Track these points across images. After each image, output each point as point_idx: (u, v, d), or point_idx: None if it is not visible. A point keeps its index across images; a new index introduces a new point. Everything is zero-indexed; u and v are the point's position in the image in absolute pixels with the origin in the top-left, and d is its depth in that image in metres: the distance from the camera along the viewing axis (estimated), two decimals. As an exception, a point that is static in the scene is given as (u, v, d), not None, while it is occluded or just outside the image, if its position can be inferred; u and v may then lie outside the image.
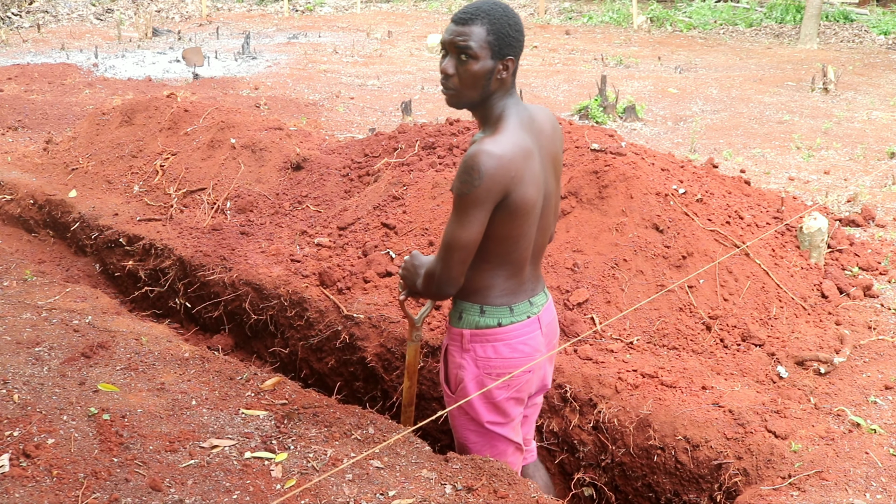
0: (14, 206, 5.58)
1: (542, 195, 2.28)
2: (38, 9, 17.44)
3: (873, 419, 2.89)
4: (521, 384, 2.47)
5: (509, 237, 2.26)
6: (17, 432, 2.53)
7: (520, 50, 2.21)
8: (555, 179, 2.38)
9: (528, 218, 2.25)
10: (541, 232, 2.38)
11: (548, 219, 2.40)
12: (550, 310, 2.55)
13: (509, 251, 2.30)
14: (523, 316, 2.40)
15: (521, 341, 2.41)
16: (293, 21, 17.04)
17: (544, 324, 2.47)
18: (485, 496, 2.41)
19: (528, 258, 2.37)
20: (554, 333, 2.58)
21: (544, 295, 2.52)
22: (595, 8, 17.94)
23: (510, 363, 2.41)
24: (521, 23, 2.23)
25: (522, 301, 2.41)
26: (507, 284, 2.37)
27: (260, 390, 3.01)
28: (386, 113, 8.37)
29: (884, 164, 6.21)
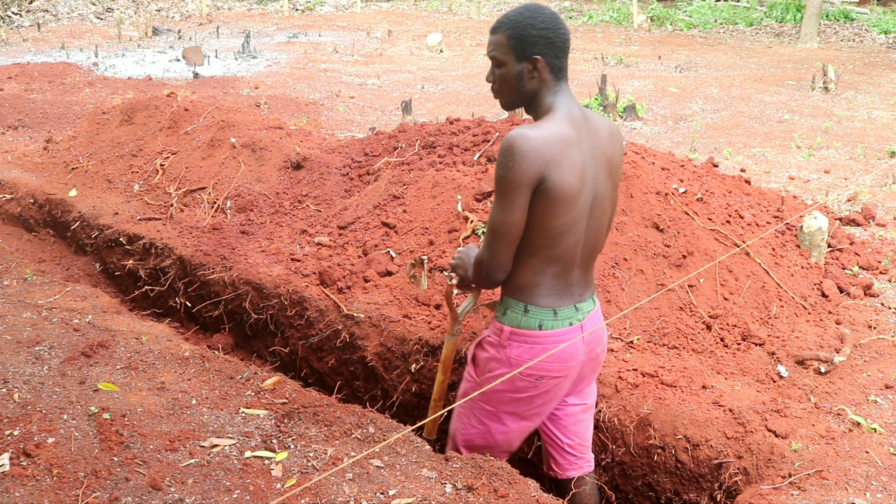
0: (14, 205, 5.59)
1: (586, 188, 2.25)
2: (39, 8, 17.43)
3: (873, 418, 2.89)
4: (551, 388, 2.44)
5: (552, 229, 2.23)
6: (17, 431, 2.53)
7: (549, 47, 2.22)
8: (609, 182, 2.34)
9: (569, 208, 2.21)
10: (592, 233, 2.34)
11: (599, 220, 2.35)
12: (597, 318, 2.48)
13: (555, 246, 2.27)
14: (566, 322, 2.35)
15: (554, 346, 2.37)
16: (293, 20, 17.04)
17: (587, 332, 2.42)
18: (485, 495, 2.41)
19: (576, 257, 2.33)
20: (598, 342, 2.49)
21: (592, 302, 2.45)
22: (595, 7, 17.93)
23: (546, 367, 2.38)
24: (552, 20, 2.23)
25: (568, 305, 2.36)
26: (553, 284, 2.33)
27: (260, 389, 3.01)
28: (386, 112, 8.37)
29: (884, 164, 6.21)
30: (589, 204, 2.29)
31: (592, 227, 2.34)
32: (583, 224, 2.29)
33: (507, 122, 4.77)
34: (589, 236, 2.35)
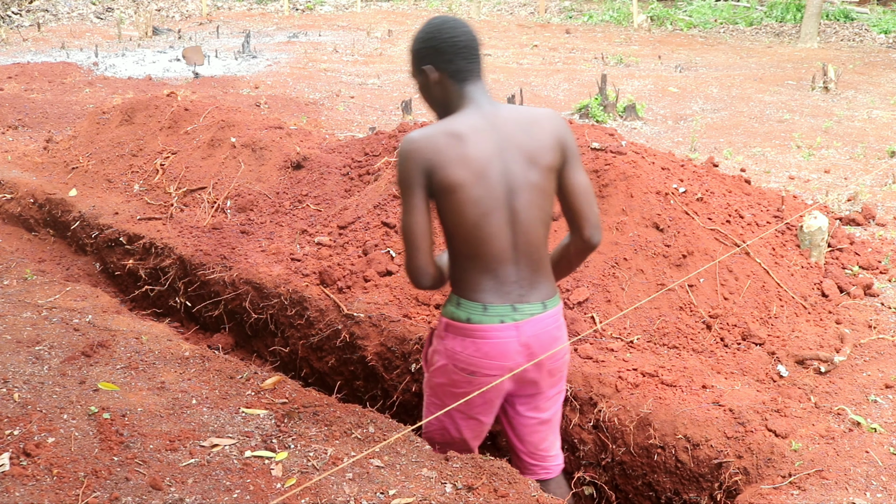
0: (14, 204, 5.59)
1: (489, 181, 2.23)
2: (39, 7, 17.43)
3: (873, 418, 2.89)
4: (469, 391, 2.43)
5: (461, 224, 2.26)
6: (17, 431, 2.53)
7: (436, 55, 2.26)
8: (531, 172, 2.27)
9: (468, 200, 2.22)
10: (521, 226, 2.29)
11: (527, 213, 2.29)
12: (544, 323, 2.40)
13: (472, 240, 2.28)
14: (496, 319, 2.33)
15: (488, 343, 2.35)
16: (293, 20, 17.04)
17: (526, 335, 2.36)
18: (485, 495, 2.41)
19: (504, 253, 2.30)
20: (543, 347, 2.41)
21: (541, 306, 2.38)
22: (595, 7, 17.93)
23: (475, 362, 2.38)
24: (437, 28, 2.27)
25: (502, 304, 2.34)
26: (481, 280, 2.32)
27: (260, 389, 3.01)
28: (386, 112, 8.37)
29: (884, 163, 6.21)
30: (502, 197, 2.25)
31: (520, 221, 2.28)
32: (498, 217, 2.26)
33: (507, 121, 4.76)
34: (518, 230, 2.29)
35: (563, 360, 2.53)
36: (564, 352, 2.51)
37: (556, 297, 2.45)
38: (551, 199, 2.35)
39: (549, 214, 2.36)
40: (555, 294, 2.45)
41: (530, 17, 17.26)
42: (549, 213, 2.36)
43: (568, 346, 2.53)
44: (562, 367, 2.54)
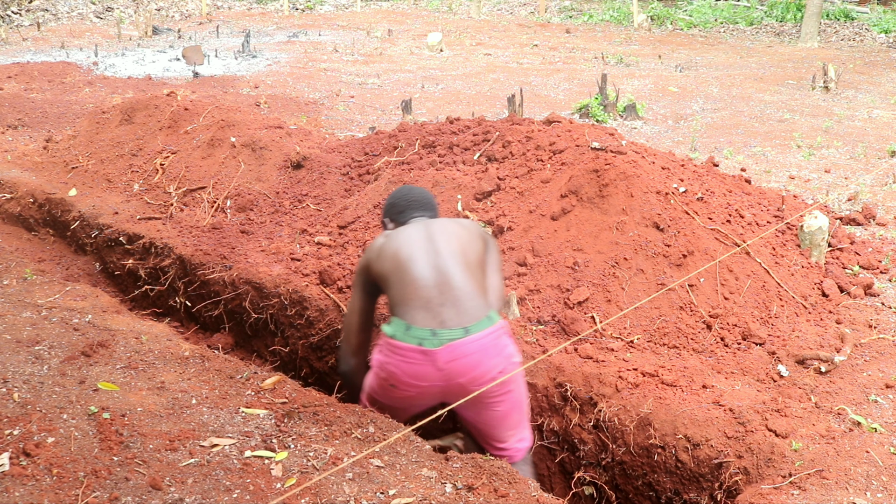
0: (14, 204, 5.58)
1: (411, 246, 2.84)
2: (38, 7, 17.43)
3: (874, 418, 2.88)
4: (406, 397, 2.79)
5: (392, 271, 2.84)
6: (17, 431, 2.52)
7: (387, 214, 3.17)
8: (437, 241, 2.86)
9: (399, 258, 2.83)
10: (431, 273, 2.76)
11: (442, 265, 2.79)
12: (463, 349, 2.65)
13: (402, 277, 2.80)
14: (415, 340, 2.67)
15: (402, 360, 2.69)
16: (293, 19, 17.03)
17: (442, 361, 2.65)
18: (485, 495, 2.40)
19: (419, 289, 2.73)
20: (461, 373, 2.66)
21: (462, 331, 2.66)
22: (595, 6, 17.93)
23: (394, 376, 2.74)
24: (388, 199, 3.18)
25: (424, 326, 2.67)
26: (410, 302, 2.72)
27: (260, 389, 3.01)
28: (386, 111, 8.37)
29: (884, 163, 6.20)
30: (422, 251, 2.82)
31: (437, 269, 2.78)
32: (413, 275, 2.77)
33: (508, 121, 4.76)
34: (432, 284, 2.75)
35: (488, 381, 2.70)
36: (488, 374, 2.69)
37: (483, 321, 2.69)
38: (475, 248, 2.91)
39: (475, 257, 2.88)
40: (482, 318, 2.70)
41: (530, 16, 17.26)
42: (475, 256, 2.87)
43: (496, 367, 2.71)
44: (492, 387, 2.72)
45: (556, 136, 4.37)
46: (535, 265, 3.68)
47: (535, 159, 4.25)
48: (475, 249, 2.90)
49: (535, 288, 3.58)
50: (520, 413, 2.92)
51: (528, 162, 4.25)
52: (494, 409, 2.81)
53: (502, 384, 2.72)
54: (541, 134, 4.43)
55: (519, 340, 3.32)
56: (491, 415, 2.83)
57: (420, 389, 2.74)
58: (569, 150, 4.18)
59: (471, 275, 2.80)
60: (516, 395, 2.87)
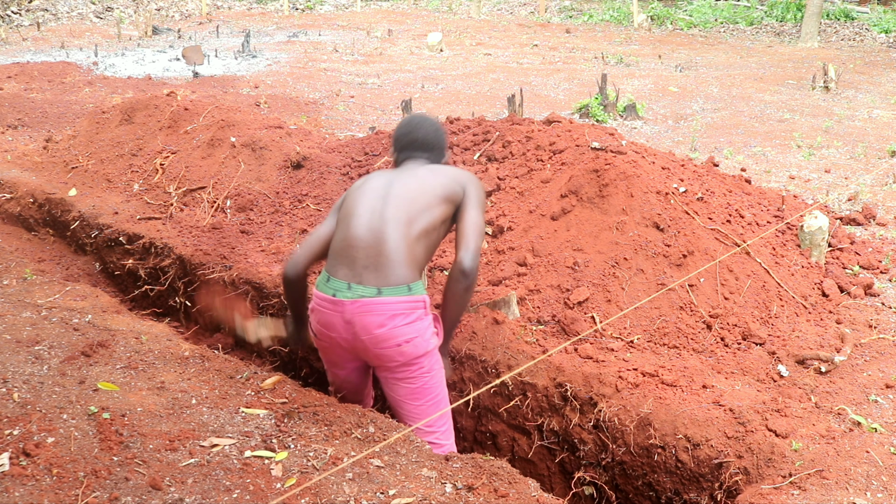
0: (14, 204, 5.58)
1: (362, 202, 2.87)
2: (38, 7, 17.43)
3: (874, 418, 2.88)
4: (326, 348, 2.92)
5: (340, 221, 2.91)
6: (17, 431, 2.52)
7: (393, 145, 3.12)
8: (389, 204, 2.83)
9: (348, 210, 2.89)
10: (365, 235, 2.79)
11: (387, 220, 2.80)
12: (370, 306, 2.71)
13: (340, 230, 2.88)
14: (331, 291, 2.76)
15: (318, 309, 2.81)
16: (293, 19, 17.03)
17: (349, 313, 2.72)
18: (485, 495, 2.40)
19: (349, 247, 2.79)
20: (365, 329, 2.72)
21: (376, 291, 2.71)
22: (595, 6, 17.93)
23: (314, 325, 2.87)
24: (396, 128, 3.10)
25: (342, 280, 2.76)
26: (337, 257, 2.81)
27: (260, 389, 3.01)
28: (386, 111, 8.37)
29: (884, 163, 6.20)
30: (368, 210, 2.83)
31: (373, 232, 2.79)
32: (362, 218, 2.81)
33: (508, 121, 4.76)
34: (369, 235, 2.79)
35: (391, 347, 2.74)
36: (392, 339, 2.73)
37: (400, 287, 2.72)
38: (428, 217, 2.83)
39: (421, 229, 2.82)
40: (400, 285, 2.73)
41: (530, 16, 17.26)
42: (420, 227, 2.82)
43: (402, 335, 2.74)
44: (392, 354, 2.75)
45: (556, 136, 4.37)
46: (535, 265, 3.68)
47: (535, 159, 4.25)
48: (430, 217, 2.85)
49: (535, 288, 3.58)
50: (434, 406, 2.90)
51: (528, 162, 4.25)
52: (401, 382, 2.83)
53: (409, 357, 2.76)
54: (541, 134, 4.43)
55: (519, 340, 3.32)
56: (398, 388, 2.86)
57: (331, 340, 2.83)
58: (569, 150, 4.18)
59: (406, 244, 2.79)
60: (430, 382, 2.87)
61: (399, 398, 2.89)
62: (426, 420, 2.87)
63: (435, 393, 2.91)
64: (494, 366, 3.25)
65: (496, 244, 3.90)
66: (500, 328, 3.36)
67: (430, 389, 2.89)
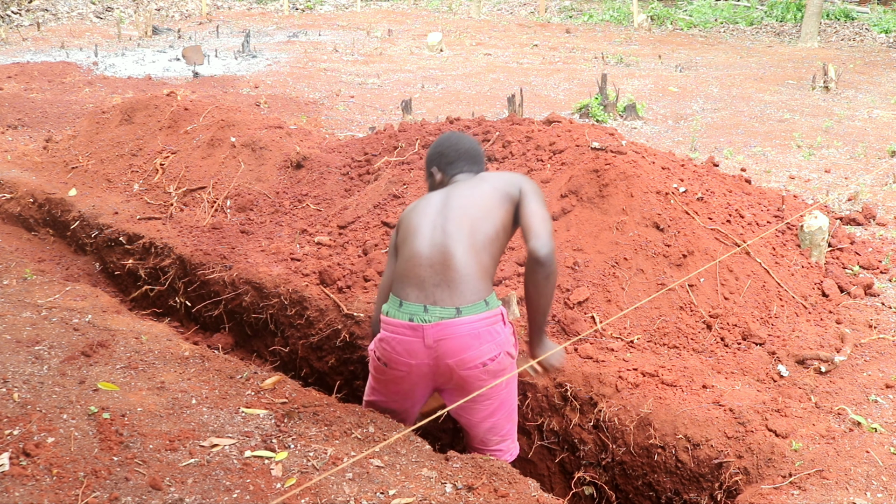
0: (14, 204, 5.58)
1: (422, 220, 2.78)
2: (38, 7, 17.43)
3: (874, 418, 2.88)
4: (397, 378, 2.75)
5: (401, 242, 2.82)
6: (17, 431, 2.52)
7: (435, 162, 3.00)
8: (457, 218, 2.74)
9: (408, 235, 2.79)
10: (430, 252, 2.70)
11: (428, 240, 2.73)
12: (453, 329, 2.61)
13: (403, 252, 2.78)
14: (406, 316, 2.64)
15: (393, 336, 2.67)
16: (293, 19, 17.03)
17: (431, 338, 2.61)
18: (485, 495, 2.40)
19: (416, 266, 2.69)
20: (451, 353, 2.62)
21: (455, 311, 2.61)
22: (595, 6, 17.93)
23: (386, 354, 2.71)
24: (437, 145, 3.01)
25: (417, 303, 2.64)
26: (405, 280, 2.69)
27: (260, 389, 3.01)
28: (386, 111, 8.37)
29: (884, 163, 6.20)
30: (429, 227, 2.75)
31: (439, 248, 2.70)
32: (415, 248, 2.72)
33: (508, 121, 4.76)
34: (427, 256, 2.70)
35: (477, 367, 2.64)
36: (478, 359, 2.64)
37: (478, 304, 2.63)
38: (490, 224, 2.75)
39: (485, 237, 2.73)
40: (477, 302, 2.63)
41: (530, 16, 17.26)
42: (484, 235, 2.73)
43: (487, 353, 2.65)
44: (478, 374, 2.66)
45: (556, 136, 4.37)
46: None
47: (535, 159, 4.25)
48: (492, 223, 2.77)
49: (535, 288, 3.58)
50: (508, 417, 2.87)
51: (528, 162, 4.25)
52: (482, 403, 2.76)
53: (492, 374, 2.68)
54: (541, 134, 4.43)
55: (518, 340, 3.32)
56: (478, 410, 2.78)
57: (410, 368, 2.68)
58: (569, 150, 4.18)
59: (474, 256, 2.69)
60: (507, 394, 2.83)
61: (478, 419, 2.82)
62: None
63: (510, 403, 2.88)
64: (494, 366, 3.24)
65: (496, 244, 3.90)
66: (500, 328, 3.36)
67: (507, 402, 2.86)
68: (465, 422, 2.85)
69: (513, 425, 2.92)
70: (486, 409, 2.79)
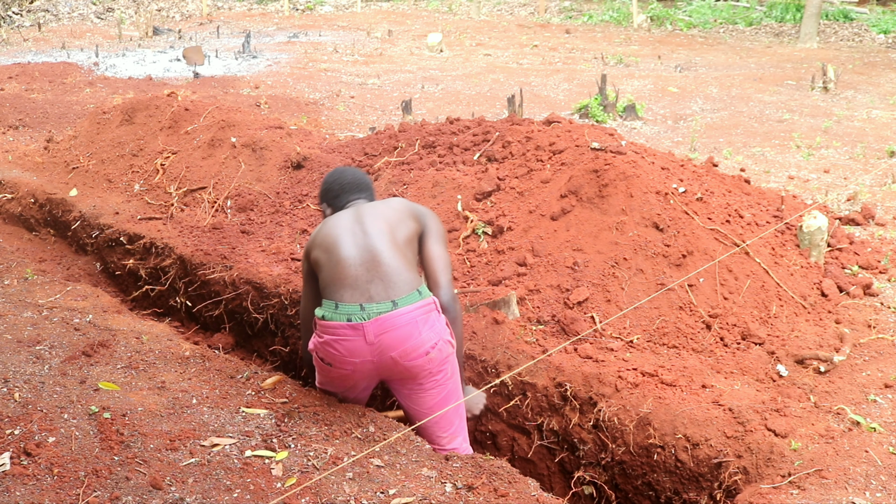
0: (15, 204, 5.59)
1: (339, 230, 2.84)
2: (39, 7, 17.44)
3: (873, 417, 2.89)
4: (344, 375, 2.79)
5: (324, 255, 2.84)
6: (18, 431, 2.53)
7: (324, 199, 3.13)
8: (366, 223, 2.84)
9: (328, 242, 2.83)
10: (357, 252, 2.77)
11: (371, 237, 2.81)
12: (392, 322, 2.66)
13: (328, 260, 2.81)
14: (344, 317, 2.69)
15: (334, 338, 2.70)
16: (293, 20, 17.04)
17: (372, 334, 2.66)
18: (485, 494, 2.41)
19: (346, 268, 2.74)
20: (392, 346, 2.67)
21: (390, 304, 2.67)
22: (595, 7, 17.94)
23: (329, 355, 2.75)
24: (323, 183, 3.13)
25: (352, 303, 2.69)
26: (337, 282, 2.74)
27: (260, 389, 3.02)
28: (386, 112, 8.38)
29: (883, 163, 6.21)
30: (349, 234, 2.82)
31: (364, 248, 2.78)
32: (341, 257, 2.77)
33: (507, 121, 4.77)
34: (357, 261, 2.76)
35: (421, 356, 2.71)
36: (420, 347, 2.70)
37: (412, 294, 2.70)
38: (405, 229, 2.88)
39: (403, 237, 2.85)
40: (411, 292, 2.70)
41: (530, 17, 17.26)
42: (403, 236, 2.84)
43: (428, 341, 2.71)
44: (423, 363, 2.72)
45: (556, 136, 4.37)
46: (534, 265, 3.68)
47: (534, 159, 4.26)
48: (405, 229, 2.89)
49: (534, 288, 3.59)
50: (455, 412, 2.91)
51: (527, 162, 4.26)
52: (430, 392, 2.81)
53: (437, 364, 2.75)
54: (541, 134, 4.43)
55: (518, 340, 3.33)
56: (426, 399, 2.83)
57: (354, 366, 2.74)
58: (568, 150, 4.19)
59: (398, 252, 2.79)
60: (453, 386, 2.87)
61: (426, 410, 2.85)
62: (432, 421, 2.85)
63: (457, 396, 2.91)
64: (494, 365, 3.25)
65: (496, 244, 3.90)
66: (500, 328, 3.37)
67: (454, 393, 2.89)
68: (414, 412, 2.89)
69: (462, 422, 2.97)
70: (433, 398, 2.84)
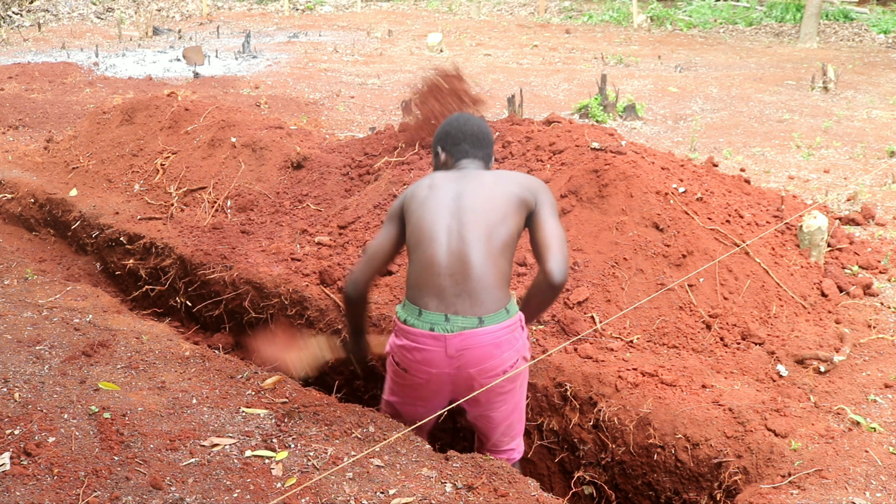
0: (15, 204, 5.59)
1: (436, 222, 2.67)
2: (39, 7, 17.44)
3: (873, 418, 2.89)
4: (417, 384, 2.72)
5: (413, 245, 2.70)
6: (17, 431, 2.53)
7: (440, 142, 2.90)
8: (470, 216, 2.65)
9: (422, 231, 2.68)
10: (448, 261, 2.62)
11: (466, 238, 2.63)
12: (476, 339, 2.59)
13: (420, 257, 2.66)
14: (427, 325, 2.61)
15: (414, 344, 2.63)
16: (293, 20, 17.04)
17: (454, 348, 2.59)
18: (485, 494, 2.41)
19: (434, 275, 2.61)
20: (473, 363, 2.61)
21: (477, 321, 2.58)
22: (595, 7, 17.94)
23: (406, 361, 2.68)
24: (444, 125, 2.91)
25: (437, 312, 2.60)
26: (425, 287, 2.63)
27: (260, 389, 3.02)
28: (386, 112, 8.38)
29: (884, 163, 6.21)
30: (444, 231, 2.65)
31: (457, 256, 2.62)
32: (435, 246, 2.64)
33: (507, 121, 4.77)
34: (447, 259, 2.62)
35: (498, 374, 2.65)
36: (499, 367, 2.65)
37: (499, 313, 2.62)
38: (505, 230, 2.66)
39: (501, 242, 2.65)
40: (499, 311, 2.62)
41: (530, 17, 17.26)
42: (501, 241, 2.65)
43: (508, 361, 2.66)
44: (498, 383, 2.66)
45: (556, 136, 4.37)
46: (534, 265, 3.68)
47: (534, 159, 4.26)
48: (505, 230, 2.68)
49: (534, 288, 3.59)
50: (520, 418, 2.89)
51: (527, 162, 4.26)
52: (498, 407, 2.78)
53: (509, 380, 2.69)
54: (540, 134, 4.43)
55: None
56: (492, 413, 2.80)
57: (430, 376, 2.66)
58: (568, 150, 4.19)
59: (492, 264, 2.63)
60: (520, 396, 2.84)
61: (495, 423, 2.81)
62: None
63: (523, 404, 2.89)
64: (494, 366, 3.25)
65: (496, 244, 3.90)
66: (500, 328, 3.36)
67: (521, 403, 2.87)
68: (483, 426, 2.84)
69: (522, 424, 2.95)
70: (503, 413, 2.80)
